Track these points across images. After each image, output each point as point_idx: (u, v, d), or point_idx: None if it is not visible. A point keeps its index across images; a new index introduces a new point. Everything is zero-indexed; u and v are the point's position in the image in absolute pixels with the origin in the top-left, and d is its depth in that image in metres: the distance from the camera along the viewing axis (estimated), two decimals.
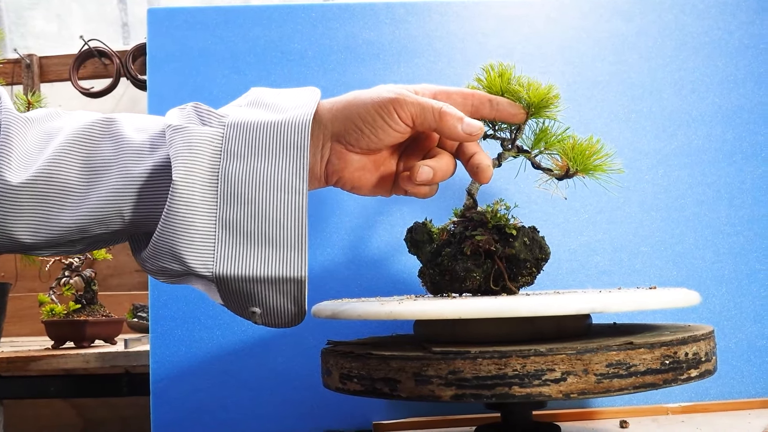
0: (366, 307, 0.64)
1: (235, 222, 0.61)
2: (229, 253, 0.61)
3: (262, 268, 0.61)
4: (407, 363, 0.60)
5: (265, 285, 0.61)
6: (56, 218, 0.63)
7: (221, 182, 0.61)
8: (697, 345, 0.63)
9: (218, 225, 0.61)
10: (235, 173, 0.61)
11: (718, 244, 1.00)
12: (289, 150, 0.61)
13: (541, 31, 1.04)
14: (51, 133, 0.65)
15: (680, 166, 1.01)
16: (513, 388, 0.57)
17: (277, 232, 0.61)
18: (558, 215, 0.99)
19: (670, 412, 0.94)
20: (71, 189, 0.63)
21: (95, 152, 0.64)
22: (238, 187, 0.61)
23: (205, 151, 0.61)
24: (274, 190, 0.61)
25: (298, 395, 0.95)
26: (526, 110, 0.72)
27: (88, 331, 1.43)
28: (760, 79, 1.04)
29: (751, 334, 0.98)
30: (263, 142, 0.62)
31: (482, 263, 0.71)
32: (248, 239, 0.61)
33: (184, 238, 0.60)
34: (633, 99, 1.03)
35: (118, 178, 0.63)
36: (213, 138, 0.62)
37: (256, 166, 0.61)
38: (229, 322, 0.96)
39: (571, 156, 0.71)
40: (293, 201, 0.60)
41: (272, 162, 0.61)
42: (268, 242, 0.61)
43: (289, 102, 0.66)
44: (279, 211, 0.60)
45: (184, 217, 0.60)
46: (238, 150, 0.62)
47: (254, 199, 0.61)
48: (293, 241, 0.61)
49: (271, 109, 0.65)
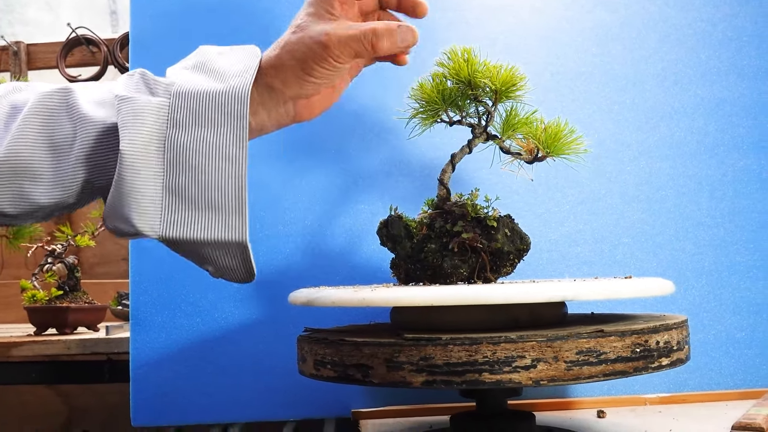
0: (340, 294, 0.64)
1: (181, 188, 0.63)
2: (175, 217, 0.63)
3: (206, 232, 0.63)
4: (379, 349, 0.60)
5: (211, 248, 0.64)
6: (32, 195, 0.65)
7: (167, 150, 0.63)
8: (668, 334, 0.63)
9: (164, 191, 0.63)
10: (181, 142, 0.63)
11: (699, 236, 1.00)
12: (229, 120, 0.63)
13: (525, 21, 1.04)
14: (16, 107, 0.66)
15: (662, 157, 1.02)
16: (483, 374, 0.58)
17: (220, 199, 0.63)
18: (539, 206, 0.99)
19: (648, 403, 0.95)
20: (40, 169, 0.64)
21: (55, 128, 0.65)
22: (183, 155, 0.63)
23: (152, 121, 0.63)
24: (217, 159, 0.63)
25: (278, 382, 0.95)
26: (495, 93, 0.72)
27: (70, 317, 1.43)
28: (742, 72, 1.04)
29: (729, 325, 0.98)
30: (206, 111, 0.64)
31: (468, 258, 0.71)
32: (193, 205, 0.63)
33: (133, 204, 0.63)
34: (616, 90, 1.03)
35: (80, 152, 0.64)
36: (159, 108, 0.64)
37: (199, 135, 0.63)
38: (209, 309, 0.96)
39: (542, 139, 0.72)
40: (234, 169, 0.63)
41: (215, 131, 0.63)
42: (211, 208, 0.63)
43: (232, 67, 0.67)
44: (221, 179, 0.63)
45: (132, 183, 0.62)
46: (183, 119, 0.64)
47: (198, 166, 0.63)
48: (234, 207, 0.63)
49: (214, 75, 0.67)
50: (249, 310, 0.97)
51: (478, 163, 0.90)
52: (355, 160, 0.99)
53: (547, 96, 1.02)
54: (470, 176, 0.97)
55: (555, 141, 0.73)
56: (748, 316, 0.99)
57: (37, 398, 1.92)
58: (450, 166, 0.76)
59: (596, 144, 1.00)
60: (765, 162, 1.02)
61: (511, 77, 0.71)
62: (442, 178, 0.75)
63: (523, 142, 0.75)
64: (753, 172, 1.02)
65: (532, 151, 0.74)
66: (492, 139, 0.76)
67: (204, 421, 0.97)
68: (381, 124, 0.99)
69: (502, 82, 0.71)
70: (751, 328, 0.98)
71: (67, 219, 1.85)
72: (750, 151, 1.02)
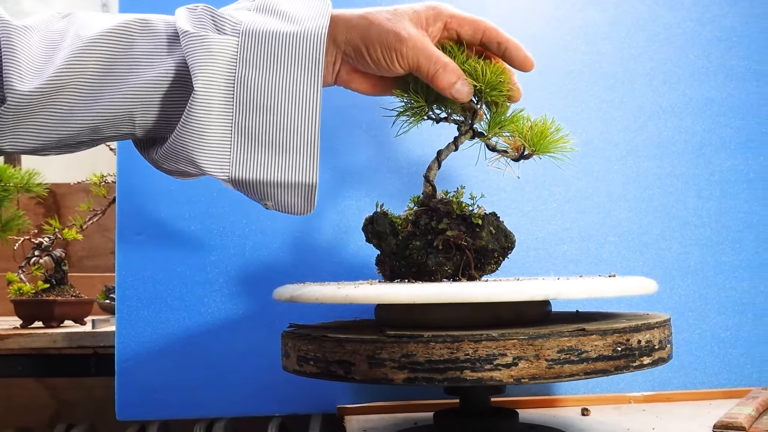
0: (323, 291, 0.64)
1: (250, 128, 0.63)
2: (244, 158, 0.63)
3: (275, 173, 0.63)
4: (361, 346, 0.61)
5: (277, 187, 0.64)
6: (67, 119, 0.63)
7: (237, 90, 0.62)
8: (650, 333, 0.63)
9: (234, 131, 0.63)
10: (251, 81, 0.63)
11: (685, 235, 1.01)
12: (304, 61, 0.63)
13: (513, 19, 1.04)
14: (56, 39, 0.64)
15: (649, 157, 1.02)
16: (464, 372, 0.58)
17: (291, 140, 0.63)
18: (526, 203, 1.00)
19: (632, 401, 0.95)
20: (86, 94, 0.63)
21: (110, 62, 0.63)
22: (253, 94, 0.63)
23: (223, 59, 0.63)
24: (289, 99, 0.62)
25: (264, 377, 0.95)
26: (480, 92, 0.72)
27: (56, 311, 1.42)
28: (731, 72, 1.04)
29: (714, 325, 0.99)
30: (279, 52, 0.63)
31: (453, 256, 0.71)
32: (262, 145, 0.63)
33: (201, 144, 0.62)
34: (604, 89, 1.03)
35: (131, 83, 0.63)
36: (229, 46, 0.63)
37: (271, 75, 0.63)
38: (196, 303, 0.96)
39: (528, 137, 0.72)
40: (307, 110, 0.63)
41: (287, 72, 0.63)
42: (281, 148, 0.63)
43: (302, 11, 0.66)
44: (293, 120, 0.63)
45: (203, 123, 0.62)
46: (254, 59, 0.63)
47: (269, 106, 0.62)
48: (306, 148, 0.63)
49: (283, 18, 0.66)
50: (236, 305, 0.96)
51: (465, 161, 0.90)
52: (342, 156, 0.99)
53: (535, 94, 1.01)
54: (458, 173, 0.97)
55: (541, 139, 0.73)
56: (733, 315, 0.99)
57: (25, 391, 1.92)
58: (436, 164, 0.76)
59: (584, 143, 1.00)
60: (752, 162, 1.03)
61: (496, 77, 0.71)
62: (428, 176, 0.75)
63: (510, 139, 0.75)
64: (740, 172, 1.02)
65: (519, 148, 0.74)
66: (478, 137, 0.76)
67: (189, 416, 0.97)
68: (369, 121, 0.99)
69: (487, 80, 0.71)
70: (736, 328, 0.99)
71: (56, 212, 1.85)
72: (737, 151, 1.03)
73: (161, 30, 0.65)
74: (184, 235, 0.97)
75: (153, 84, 0.63)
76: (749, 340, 0.99)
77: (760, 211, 1.02)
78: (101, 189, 1.52)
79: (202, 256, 0.97)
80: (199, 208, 0.97)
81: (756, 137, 1.03)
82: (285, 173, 0.63)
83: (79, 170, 1.71)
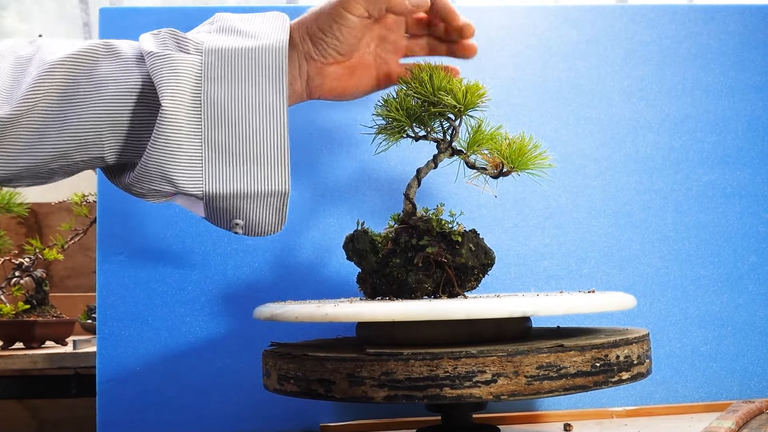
0: (303, 310, 0.64)
1: (220, 142, 0.64)
2: (217, 171, 0.64)
3: (249, 184, 0.64)
4: (341, 364, 0.61)
5: (251, 199, 0.65)
6: (34, 145, 0.64)
7: (205, 105, 0.64)
8: (629, 348, 0.64)
9: (204, 146, 0.64)
10: (218, 96, 0.64)
11: (665, 250, 1.01)
12: (268, 73, 0.65)
13: (492, 37, 1.05)
14: (23, 65, 0.65)
15: (628, 172, 1.03)
16: (444, 389, 0.58)
17: (261, 150, 0.64)
18: (507, 220, 1.00)
19: (615, 416, 0.96)
20: (52, 116, 0.63)
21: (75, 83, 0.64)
22: (221, 109, 0.64)
23: (188, 76, 0.64)
24: (256, 111, 0.64)
25: (246, 397, 0.95)
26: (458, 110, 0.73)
27: (37, 331, 1.42)
28: (707, 88, 1.06)
29: (695, 339, 0.99)
30: (242, 67, 0.65)
31: (433, 273, 0.71)
32: (234, 158, 0.64)
33: (173, 160, 0.63)
34: (582, 106, 1.04)
35: (97, 102, 0.64)
36: (194, 64, 0.64)
37: (236, 90, 0.64)
38: (177, 323, 0.96)
39: (507, 155, 0.72)
40: (274, 120, 0.64)
41: (252, 85, 0.64)
42: (252, 160, 0.64)
43: (261, 28, 0.69)
44: (261, 131, 0.64)
45: (173, 139, 0.63)
46: (218, 75, 0.64)
47: (237, 120, 0.64)
48: (276, 157, 0.64)
49: (244, 35, 0.68)
50: (217, 324, 0.96)
51: (446, 177, 0.90)
52: (323, 174, 0.99)
53: (514, 111, 1.03)
54: (438, 191, 0.98)
55: (520, 156, 0.74)
56: (713, 329, 1.00)
57: (5, 412, 1.90)
58: (416, 181, 0.77)
59: (563, 159, 1.01)
60: (729, 177, 1.04)
61: (473, 95, 0.72)
62: (408, 193, 0.75)
63: (489, 156, 0.76)
64: (717, 187, 1.03)
65: (498, 166, 0.75)
66: (457, 154, 0.76)
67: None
68: (350, 139, 1.00)
69: (465, 100, 0.72)
70: (716, 342, 1.00)
71: (37, 231, 1.84)
72: (715, 166, 1.04)
73: (126, 51, 0.67)
74: (165, 254, 0.97)
75: (119, 102, 0.64)
76: (729, 353, 0.99)
77: (738, 225, 1.03)
78: (83, 208, 1.52)
79: (183, 276, 0.97)
80: (180, 227, 0.97)
81: (732, 152, 1.04)
82: (258, 183, 0.64)
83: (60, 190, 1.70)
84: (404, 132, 0.77)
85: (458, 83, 0.73)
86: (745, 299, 1.01)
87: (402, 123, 0.75)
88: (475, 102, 0.73)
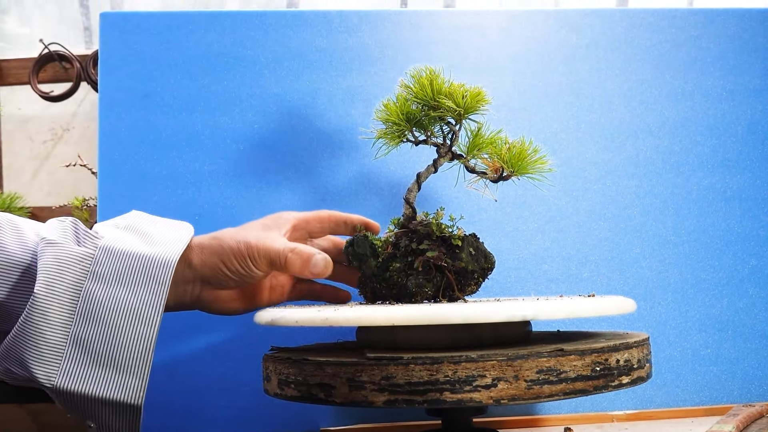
0: (303, 314, 0.64)
1: (86, 340, 0.63)
2: (74, 369, 0.63)
3: (102, 389, 0.63)
4: (341, 369, 0.61)
5: (102, 405, 0.64)
6: None
7: (81, 301, 0.64)
8: (629, 352, 0.64)
9: (69, 341, 0.63)
10: (96, 295, 0.64)
11: (665, 254, 1.01)
12: (150, 283, 0.65)
13: (492, 41, 1.05)
14: None
15: (628, 176, 1.03)
16: (444, 393, 0.58)
17: (123, 357, 0.63)
18: (507, 224, 1.00)
19: (615, 420, 0.96)
20: None
21: None
22: (96, 307, 0.64)
23: (73, 269, 0.64)
24: (129, 318, 0.64)
25: (246, 401, 0.95)
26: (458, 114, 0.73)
27: None
28: (706, 92, 1.06)
29: (695, 343, 0.99)
30: (129, 271, 0.65)
31: (432, 277, 0.71)
32: (95, 359, 0.63)
33: (35, 349, 0.62)
34: (582, 110, 1.04)
35: None
36: (83, 258, 0.65)
37: (117, 292, 0.64)
38: (177, 326, 0.96)
39: (507, 159, 0.72)
40: (144, 331, 0.64)
41: (133, 291, 0.65)
42: (113, 365, 0.63)
43: (163, 235, 0.70)
44: (129, 338, 0.64)
45: (39, 328, 0.62)
46: (104, 273, 0.65)
47: (109, 321, 0.64)
48: (137, 368, 0.64)
49: (145, 239, 0.69)
50: (217, 328, 0.96)
51: (446, 181, 0.90)
52: (324, 178, 0.99)
53: (514, 115, 1.03)
54: (439, 195, 0.98)
55: (520, 160, 0.74)
56: (713, 333, 1.00)
57: (5, 416, 1.89)
58: (416, 186, 0.77)
59: (563, 163, 1.01)
60: (729, 181, 1.04)
61: (474, 100, 0.72)
62: (408, 197, 0.76)
63: (489, 161, 0.76)
64: (717, 191, 1.04)
65: (498, 170, 0.75)
66: (457, 159, 0.77)
67: None
68: (350, 143, 1.00)
69: (465, 104, 0.72)
70: (716, 345, 0.99)
71: None
72: (714, 170, 1.04)
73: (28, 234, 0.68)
74: None
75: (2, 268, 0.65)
76: (729, 357, 0.99)
77: (738, 229, 1.03)
78: (83, 213, 1.52)
79: None
80: None
81: (732, 156, 1.05)
82: (110, 390, 0.63)
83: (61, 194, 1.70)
84: (404, 136, 0.77)
85: (458, 88, 0.73)
86: (746, 303, 1.01)
87: (402, 127, 0.75)
88: (475, 106, 0.73)
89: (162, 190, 0.98)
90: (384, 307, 0.63)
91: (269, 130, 1.00)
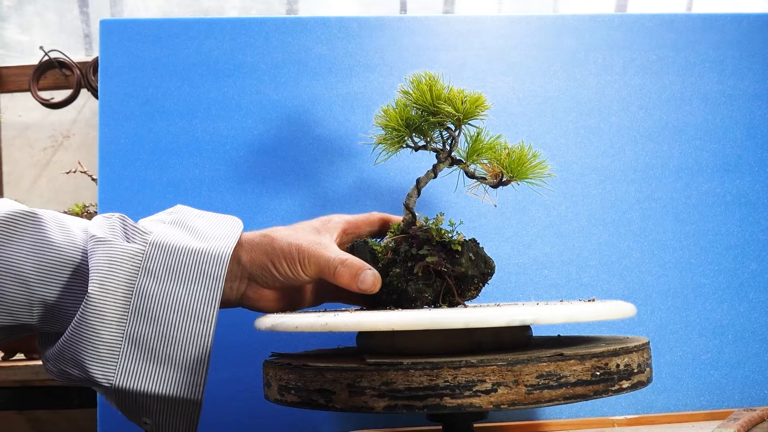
0: (303, 320, 0.64)
1: (142, 338, 0.63)
2: (131, 367, 0.63)
3: (160, 386, 0.63)
4: (342, 374, 0.61)
5: (160, 402, 0.64)
6: None
7: (135, 298, 0.63)
8: (629, 357, 0.64)
9: (125, 339, 0.63)
10: (150, 291, 0.63)
11: (665, 259, 1.01)
12: (205, 279, 0.65)
13: (491, 47, 1.05)
14: None
15: (628, 181, 1.03)
16: (444, 399, 0.58)
17: (181, 354, 0.63)
18: (507, 229, 1.00)
19: (617, 425, 0.95)
20: None
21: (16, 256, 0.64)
22: (150, 304, 0.63)
23: (125, 267, 0.63)
24: (185, 314, 0.63)
25: (247, 407, 0.95)
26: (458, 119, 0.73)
27: None
28: (706, 97, 1.06)
29: (696, 347, 0.99)
30: (181, 266, 0.65)
31: (432, 282, 0.71)
32: (152, 356, 0.63)
33: (91, 349, 0.62)
34: (582, 115, 1.04)
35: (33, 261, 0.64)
36: (134, 254, 0.64)
37: (171, 288, 0.64)
38: None
39: (506, 164, 0.73)
40: (201, 327, 0.64)
41: (187, 287, 0.64)
42: (170, 362, 0.63)
43: (213, 230, 0.69)
44: (186, 334, 0.63)
45: (94, 328, 0.62)
46: (157, 270, 0.64)
47: (164, 318, 0.63)
48: (195, 365, 0.64)
49: (194, 233, 0.68)
50: (218, 334, 0.95)
51: (446, 187, 0.90)
52: (324, 183, 1.00)
53: (514, 120, 1.03)
54: (438, 200, 0.98)
55: (519, 165, 0.74)
56: (714, 337, 1.00)
57: (6, 424, 1.89)
58: (415, 191, 0.77)
59: (563, 168, 1.02)
60: (729, 185, 1.04)
61: (473, 105, 0.72)
62: (408, 203, 0.76)
63: (488, 166, 0.76)
64: (717, 195, 1.04)
65: (497, 175, 0.75)
66: (457, 164, 0.77)
67: None
68: (350, 149, 1.00)
69: (465, 110, 0.72)
70: (717, 350, 0.99)
71: None
72: (714, 174, 1.04)
73: (75, 231, 0.67)
74: None
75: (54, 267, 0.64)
76: (730, 361, 0.99)
77: (738, 233, 1.03)
78: None
79: None
80: None
81: (732, 160, 1.05)
82: (171, 387, 0.63)
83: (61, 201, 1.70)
84: (404, 142, 0.77)
85: (458, 93, 0.73)
86: (746, 307, 1.01)
87: (401, 133, 0.75)
88: (475, 111, 0.73)
89: (162, 197, 0.98)
90: (384, 312, 0.63)
91: (269, 136, 1.01)
